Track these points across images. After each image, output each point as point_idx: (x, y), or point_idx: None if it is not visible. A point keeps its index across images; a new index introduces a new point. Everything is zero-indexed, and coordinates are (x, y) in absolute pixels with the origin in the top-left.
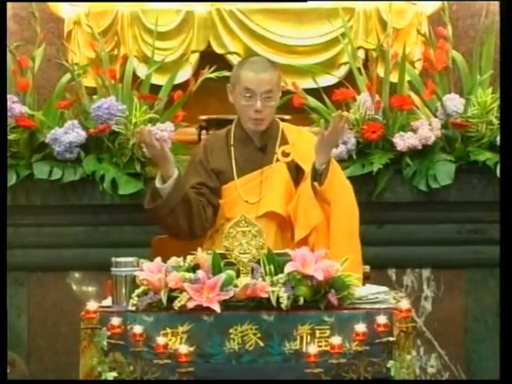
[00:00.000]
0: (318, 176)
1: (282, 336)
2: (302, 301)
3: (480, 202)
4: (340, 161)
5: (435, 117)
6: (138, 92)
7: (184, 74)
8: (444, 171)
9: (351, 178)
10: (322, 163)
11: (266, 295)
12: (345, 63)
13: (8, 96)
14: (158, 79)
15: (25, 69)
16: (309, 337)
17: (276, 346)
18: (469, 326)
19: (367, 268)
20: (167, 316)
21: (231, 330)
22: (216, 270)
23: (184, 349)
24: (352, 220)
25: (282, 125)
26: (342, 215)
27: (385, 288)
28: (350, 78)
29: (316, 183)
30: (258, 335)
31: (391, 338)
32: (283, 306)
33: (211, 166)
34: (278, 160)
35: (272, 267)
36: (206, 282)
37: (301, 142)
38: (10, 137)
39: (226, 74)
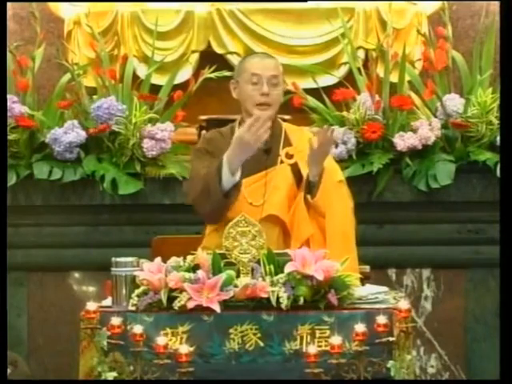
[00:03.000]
0: (312, 188)
1: (282, 336)
2: (302, 301)
3: (480, 202)
4: (340, 161)
5: (435, 117)
6: (138, 92)
7: (184, 73)
8: (444, 171)
9: (351, 178)
10: (315, 175)
11: (266, 295)
12: (345, 63)
13: (8, 96)
14: (158, 79)
15: (25, 69)
16: (309, 337)
17: (276, 346)
18: (469, 326)
19: (367, 268)
20: (167, 316)
21: (231, 330)
22: (216, 269)
23: (184, 349)
24: (347, 230)
25: (284, 126)
26: (336, 226)
27: (385, 288)
28: (350, 78)
29: (309, 196)
30: (258, 335)
31: (391, 338)
32: (283, 306)
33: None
34: (281, 162)
35: (272, 267)
36: (206, 282)
37: (303, 144)
38: (10, 137)
39: (226, 73)
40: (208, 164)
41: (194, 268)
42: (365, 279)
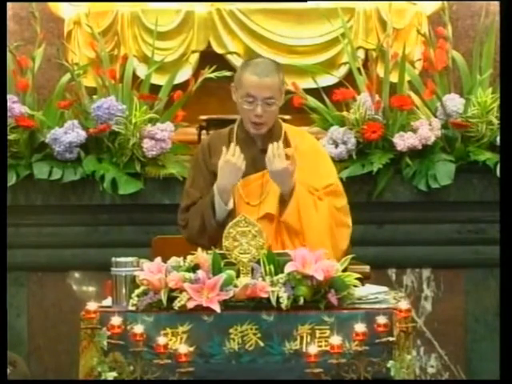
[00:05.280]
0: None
1: (282, 336)
2: (302, 301)
3: (480, 202)
4: (340, 161)
5: (435, 117)
6: (138, 92)
7: (184, 73)
8: (444, 171)
9: (351, 178)
10: (285, 194)
11: (266, 295)
12: (345, 63)
13: (8, 96)
14: (158, 79)
15: (25, 69)
16: (309, 337)
17: (276, 346)
18: (469, 326)
19: (367, 268)
20: (167, 316)
21: (231, 330)
22: (216, 269)
23: (184, 349)
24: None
25: (284, 126)
26: (313, 246)
27: (385, 288)
28: (350, 78)
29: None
30: (258, 335)
31: (391, 338)
32: (283, 305)
33: (213, 168)
34: None
35: (272, 267)
36: (206, 282)
37: (303, 146)
38: (10, 137)
39: (226, 73)
40: (202, 185)
41: (194, 268)
42: (365, 279)
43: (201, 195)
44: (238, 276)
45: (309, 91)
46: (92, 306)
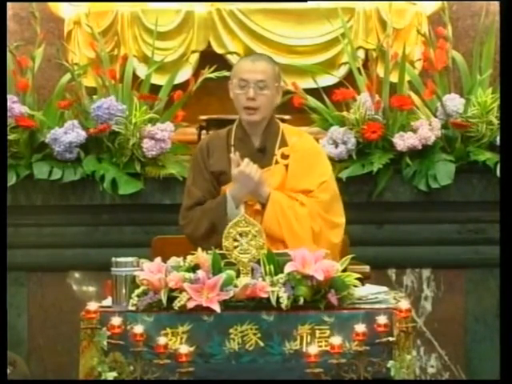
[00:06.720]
0: None
1: (282, 336)
2: (301, 301)
3: (480, 202)
4: (340, 161)
5: (435, 117)
6: (138, 92)
7: (184, 73)
8: (444, 171)
9: (351, 178)
10: (262, 201)
11: (266, 295)
12: (345, 63)
13: (8, 96)
14: (158, 79)
15: (25, 69)
16: (309, 337)
17: (276, 346)
18: (469, 326)
19: (367, 268)
20: (167, 316)
21: (231, 330)
22: (216, 269)
23: (184, 349)
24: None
25: (282, 126)
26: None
27: (385, 288)
28: (350, 78)
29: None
30: (258, 335)
31: (391, 338)
32: (283, 305)
33: (212, 169)
34: (277, 162)
35: (272, 267)
36: (206, 282)
37: (300, 145)
38: (10, 137)
39: (226, 73)
40: (203, 184)
41: (194, 268)
42: (365, 279)
43: (202, 194)
44: (238, 276)
45: (309, 91)
46: (92, 306)
